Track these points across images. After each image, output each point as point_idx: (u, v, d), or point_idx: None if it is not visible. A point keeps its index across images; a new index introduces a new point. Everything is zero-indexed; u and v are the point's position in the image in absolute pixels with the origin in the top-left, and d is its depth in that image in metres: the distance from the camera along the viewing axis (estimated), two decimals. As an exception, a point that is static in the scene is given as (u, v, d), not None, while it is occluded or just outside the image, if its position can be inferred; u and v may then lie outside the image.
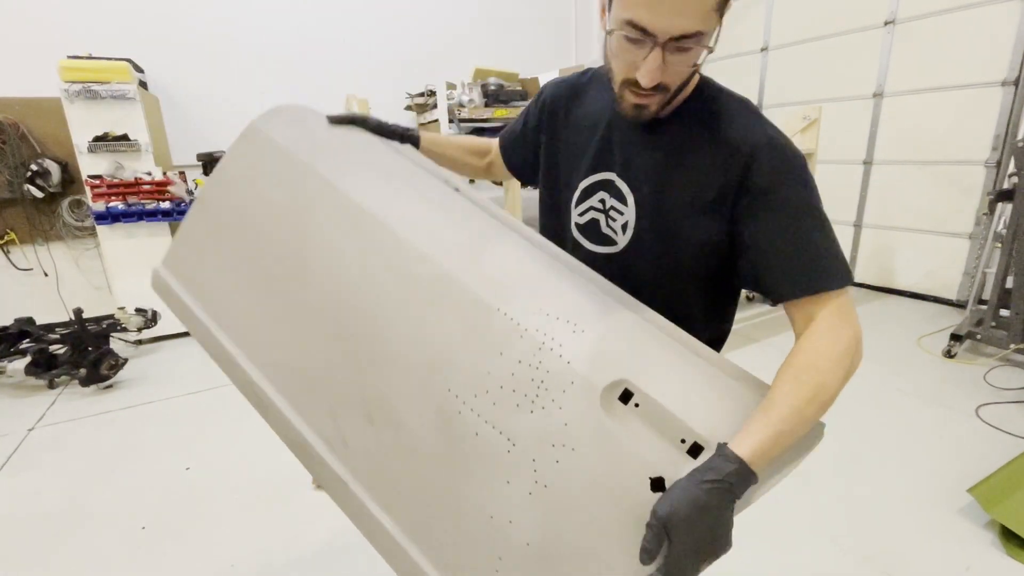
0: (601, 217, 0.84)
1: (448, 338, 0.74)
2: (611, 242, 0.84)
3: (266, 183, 0.93)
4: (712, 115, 0.76)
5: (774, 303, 0.76)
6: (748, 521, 1.93)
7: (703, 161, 0.75)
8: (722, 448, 0.62)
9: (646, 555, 0.61)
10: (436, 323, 0.75)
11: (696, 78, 0.79)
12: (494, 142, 1.10)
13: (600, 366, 0.69)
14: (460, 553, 0.71)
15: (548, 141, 0.94)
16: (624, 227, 0.81)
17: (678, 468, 0.64)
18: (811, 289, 0.70)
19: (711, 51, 0.69)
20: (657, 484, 0.64)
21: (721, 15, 0.67)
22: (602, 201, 0.84)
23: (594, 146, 0.85)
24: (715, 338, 0.91)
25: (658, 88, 0.70)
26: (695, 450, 0.66)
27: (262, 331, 0.88)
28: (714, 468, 0.61)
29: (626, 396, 0.69)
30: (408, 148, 0.98)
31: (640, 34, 0.65)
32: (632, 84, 0.71)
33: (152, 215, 3.72)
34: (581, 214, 0.87)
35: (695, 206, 0.76)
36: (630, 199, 0.80)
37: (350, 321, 0.80)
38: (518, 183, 1.55)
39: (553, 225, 0.94)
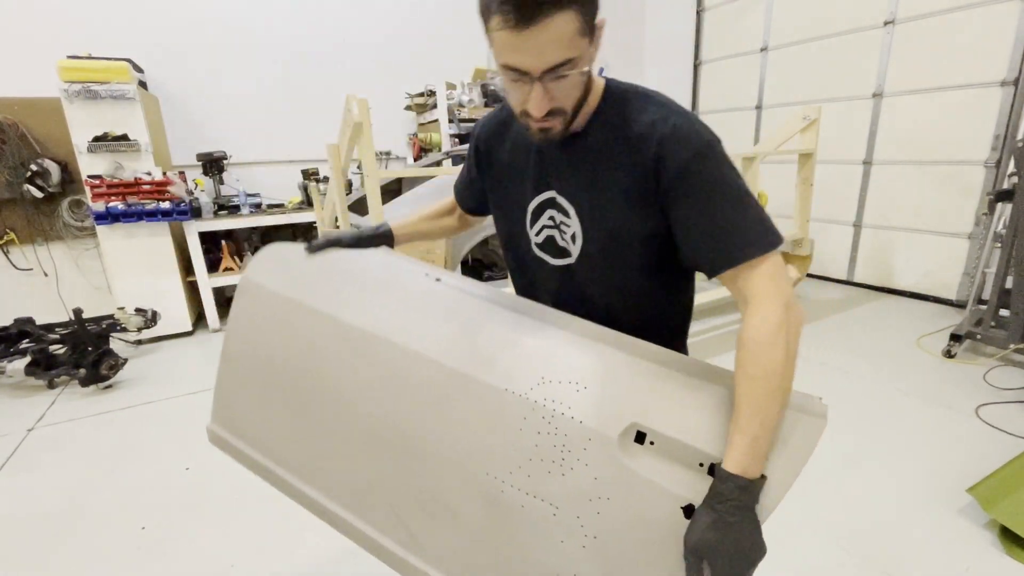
0: (555, 232, 0.90)
1: (471, 428, 0.81)
2: (567, 253, 0.89)
3: (271, 328, 1.02)
4: (622, 116, 0.81)
5: (709, 279, 0.81)
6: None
7: (622, 161, 0.80)
8: (719, 470, 0.67)
9: None
10: (457, 417, 0.82)
11: (599, 86, 0.84)
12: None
13: (608, 417, 0.73)
14: None
15: (492, 177, 0.99)
16: (574, 237, 0.87)
17: (704, 491, 0.68)
18: (731, 261, 0.74)
19: (587, 73, 0.75)
20: (689, 511, 0.68)
21: (591, 36, 0.72)
22: (551, 218, 0.89)
23: (531, 170, 0.90)
24: (682, 320, 0.98)
25: (553, 113, 0.75)
26: (713, 470, 0.69)
27: (312, 458, 0.98)
28: (718, 492, 0.66)
29: (640, 437, 0.73)
30: (383, 251, 1.05)
31: (517, 74, 0.72)
32: (529, 114, 0.76)
33: (152, 215, 3.72)
34: (537, 233, 0.92)
35: (627, 204, 0.81)
36: (572, 211, 0.86)
37: (383, 434, 0.88)
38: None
39: (515, 251, 0.99)
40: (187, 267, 4.14)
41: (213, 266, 4.27)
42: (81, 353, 3.23)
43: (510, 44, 0.69)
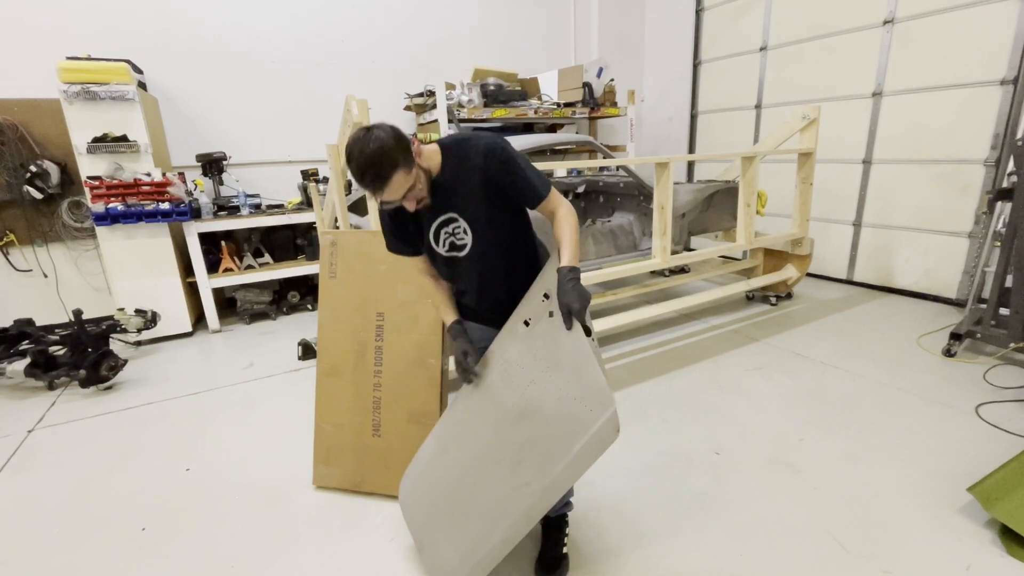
0: (454, 237, 1.43)
1: (501, 403, 1.51)
2: (465, 246, 1.43)
3: (429, 490, 1.66)
4: (456, 156, 1.35)
5: (531, 209, 1.43)
6: (750, 520, 1.93)
7: (472, 179, 1.35)
8: (559, 268, 1.31)
9: (579, 317, 1.27)
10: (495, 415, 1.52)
11: (436, 150, 1.36)
12: (417, 263, 1.59)
13: (518, 329, 1.49)
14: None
15: (412, 222, 1.47)
16: (466, 231, 1.41)
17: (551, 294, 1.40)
18: (540, 199, 1.38)
19: (423, 174, 1.29)
20: (546, 296, 1.40)
21: (413, 165, 1.24)
22: (448, 231, 1.42)
23: (424, 212, 1.40)
24: (535, 252, 1.55)
25: (419, 199, 1.32)
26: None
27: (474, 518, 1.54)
28: (561, 276, 1.30)
29: (526, 323, 1.46)
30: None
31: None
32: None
33: (152, 216, 3.73)
34: (440, 242, 1.45)
35: (486, 199, 1.37)
36: (460, 219, 1.40)
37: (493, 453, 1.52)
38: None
39: (431, 254, 1.52)
40: (187, 268, 4.14)
41: (213, 267, 4.27)
42: (81, 354, 3.23)
43: (373, 196, 1.26)
